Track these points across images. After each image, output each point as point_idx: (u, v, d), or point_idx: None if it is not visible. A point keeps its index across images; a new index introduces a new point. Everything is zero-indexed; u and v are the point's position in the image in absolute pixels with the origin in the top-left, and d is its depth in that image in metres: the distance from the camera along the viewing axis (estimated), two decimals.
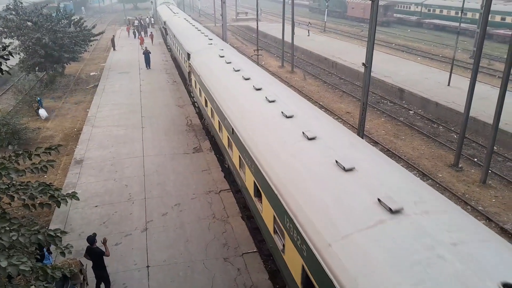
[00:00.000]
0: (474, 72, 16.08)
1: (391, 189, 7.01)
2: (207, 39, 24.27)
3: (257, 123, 10.99)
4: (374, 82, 28.80)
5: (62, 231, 5.55)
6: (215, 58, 18.81)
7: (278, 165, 8.81)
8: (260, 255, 11.04)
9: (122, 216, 12.85)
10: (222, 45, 22.50)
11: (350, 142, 9.21)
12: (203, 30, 28.93)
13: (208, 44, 22.47)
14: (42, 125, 22.22)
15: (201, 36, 25.98)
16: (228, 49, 21.55)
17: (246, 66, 17.46)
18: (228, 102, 13.47)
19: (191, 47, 22.80)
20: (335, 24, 66.61)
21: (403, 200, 6.56)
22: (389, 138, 20.88)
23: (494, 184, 16.42)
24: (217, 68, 17.32)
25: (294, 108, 11.33)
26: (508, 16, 49.19)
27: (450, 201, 7.04)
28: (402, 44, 47.26)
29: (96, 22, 67.85)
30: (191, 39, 25.35)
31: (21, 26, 27.64)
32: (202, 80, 17.57)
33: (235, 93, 13.79)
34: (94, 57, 42.74)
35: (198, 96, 19.71)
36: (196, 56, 20.78)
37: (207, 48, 21.56)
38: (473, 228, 6.22)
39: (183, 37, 27.05)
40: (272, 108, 11.44)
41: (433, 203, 6.72)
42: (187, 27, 32.12)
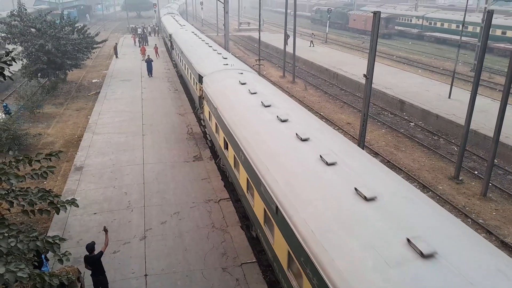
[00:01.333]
0: (475, 85, 16.13)
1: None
2: (221, 58, 21.39)
3: (318, 203, 7.70)
4: (375, 94, 28.89)
5: (60, 238, 5.52)
6: (235, 86, 15.51)
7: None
8: (259, 266, 10.96)
9: (121, 223, 12.79)
10: (239, 66, 19.65)
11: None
12: (214, 47, 25.96)
13: (223, 64, 19.40)
14: (43, 131, 22.24)
15: (213, 54, 22.92)
16: (248, 73, 18.10)
17: (278, 99, 13.78)
18: (261, 156, 9.91)
19: (203, 68, 19.78)
20: (336, 35, 67.05)
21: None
22: (390, 150, 20.87)
23: (495, 197, 16.36)
24: (240, 101, 13.82)
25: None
26: (508, 30, 49.53)
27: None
28: (403, 56, 47.50)
29: (99, 30, 68.29)
30: (203, 58, 22.21)
31: (25, 32, 27.81)
32: (220, 115, 14.03)
33: (271, 143, 10.26)
34: (96, 64, 42.94)
35: (214, 132, 16.17)
36: (210, 80, 17.55)
37: (223, 70, 18.40)
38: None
39: (193, 55, 23.87)
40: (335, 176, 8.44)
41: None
42: (197, 42, 28.84)
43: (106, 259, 10.87)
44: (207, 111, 17.54)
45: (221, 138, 14.49)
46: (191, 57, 23.72)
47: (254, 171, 9.80)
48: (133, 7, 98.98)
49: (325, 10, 69.79)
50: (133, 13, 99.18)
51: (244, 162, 10.92)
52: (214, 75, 17.91)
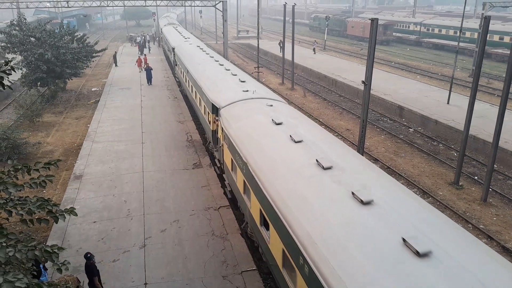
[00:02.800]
0: (473, 90, 16.17)
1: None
2: (238, 82, 17.70)
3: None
4: (374, 100, 28.96)
5: (59, 247, 5.49)
6: (269, 128, 11.37)
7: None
8: (259, 273, 10.90)
9: (121, 232, 12.74)
10: (263, 93, 15.82)
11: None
12: (226, 65, 22.41)
13: (242, 91, 15.67)
14: (43, 140, 22.24)
15: (227, 76, 19.37)
16: (279, 104, 14.07)
17: (335, 149, 10.07)
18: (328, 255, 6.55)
19: (218, 95, 16.09)
20: (335, 42, 67.36)
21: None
22: (389, 156, 20.86)
23: (495, 202, 16.33)
24: (283, 158, 9.68)
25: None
26: (506, 35, 49.78)
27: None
28: (401, 63, 47.69)
29: (98, 39, 68.59)
30: (215, 82, 18.45)
31: (24, 42, 27.95)
32: (255, 177, 9.79)
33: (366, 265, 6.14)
34: (96, 73, 43.08)
35: (241, 193, 11.90)
36: (229, 115, 13.65)
37: (245, 100, 14.57)
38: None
39: (203, 77, 20.11)
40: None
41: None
42: (205, 60, 24.79)
43: (105, 267, 10.85)
44: (227, 157, 13.60)
45: (255, 209, 10.30)
46: (201, 80, 19.87)
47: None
48: (132, 16, 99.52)
49: (323, 18, 70.15)
50: (132, 22, 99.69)
51: (309, 277, 6.84)
52: (234, 107, 14.08)
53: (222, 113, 14.38)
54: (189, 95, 26.05)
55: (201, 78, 20.17)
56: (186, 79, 26.17)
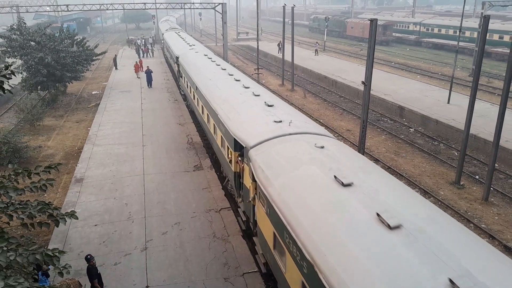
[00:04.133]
0: (474, 89, 16.16)
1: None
2: (265, 107, 13.48)
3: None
4: (374, 100, 28.95)
5: (60, 251, 5.49)
6: (333, 192, 7.78)
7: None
8: (261, 275, 10.89)
9: (122, 235, 12.73)
10: (300, 123, 11.99)
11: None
12: (244, 81, 18.24)
13: (274, 122, 11.83)
14: (43, 144, 22.27)
15: (249, 98, 14.95)
16: (335, 146, 10.19)
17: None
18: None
19: (242, 129, 12.15)
20: (334, 43, 67.39)
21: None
22: (390, 156, 20.84)
23: (497, 201, 16.30)
24: (374, 253, 6.06)
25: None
26: (505, 34, 49.75)
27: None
28: (401, 63, 47.69)
29: (98, 42, 68.73)
30: (236, 107, 14.18)
31: (25, 46, 28.00)
32: (303, 249, 6.91)
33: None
34: (96, 76, 43.14)
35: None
36: (264, 161, 9.84)
37: (282, 137, 10.78)
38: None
39: (219, 100, 15.85)
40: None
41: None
42: (218, 75, 20.18)
43: (107, 270, 10.84)
44: (266, 226, 9.33)
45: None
46: (215, 102, 15.90)
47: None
48: (132, 19, 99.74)
49: (323, 19, 70.20)
50: (132, 25, 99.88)
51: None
52: (269, 148, 10.29)
53: (252, 156, 10.32)
54: (198, 115, 21.76)
55: (215, 99, 16.15)
56: (194, 96, 21.97)
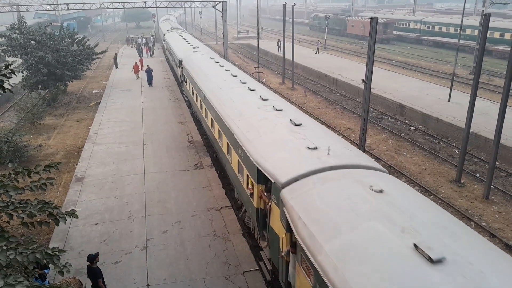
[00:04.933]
0: (474, 87, 16.14)
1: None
2: (292, 127, 11.04)
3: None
4: (375, 99, 28.92)
5: (60, 250, 5.49)
6: (414, 269, 5.37)
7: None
8: (261, 274, 10.90)
9: (122, 233, 12.75)
10: (344, 150, 9.60)
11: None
12: (261, 91, 15.60)
13: (308, 149, 9.45)
14: (44, 143, 22.29)
15: (271, 114, 12.42)
16: (397, 187, 7.80)
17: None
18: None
19: (269, 159, 9.59)
20: (335, 41, 67.31)
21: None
22: (391, 154, 20.83)
23: (497, 199, 16.29)
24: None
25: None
26: (506, 32, 49.68)
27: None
28: (402, 61, 47.63)
29: (99, 41, 68.73)
30: (256, 126, 11.74)
31: (25, 45, 28.00)
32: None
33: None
34: (96, 75, 43.14)
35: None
36: (304, 209, 7.40)
37: (325, 175, 8.28)
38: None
39: (234, 115, 13.40)
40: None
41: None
42: (229, 83, 17.52)
43: (107, 269, 10.85)
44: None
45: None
46: (229, 117, 13.44)
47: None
48: (132, 18, 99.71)
49: (323, 17, 70.08)
50: (132, 23, 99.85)
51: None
52: (309, 187, 7.92)
53: (286, 198, 7.88)
54: (206, 128, 19.09)
55: (229, 113, 13.74)
56: (201, 105, 19.57)
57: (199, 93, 19.64)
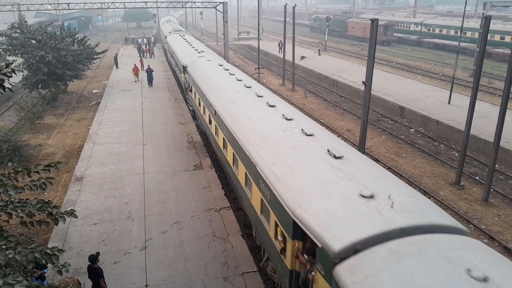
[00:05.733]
0: (474, 90, 16.14)
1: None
2: (331, 159, 8.98)
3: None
4: (375, 100, 28.93)
5: (59, 249, 5.49)
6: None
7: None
8: (260, 275, 10.89)
9: (122, 234, 12.74)
10: (419, 208, 7.08)
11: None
12: (287, 111, 12.95)
13: (361, 197, 7.26)
14: (44, 142, 22.28)
15: (297, 136, 10.62)
16: (495, 267, 5.50)
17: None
18: None
19: (308, 206, 7.41)
20: (335, 43, 67.35)
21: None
22: (390, 156, 20.83)
23: (497, 202, 16.29)
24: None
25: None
26: (507, 35, 49.72)
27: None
28: (402, 63, 47.65)
29: (99, 40, 68.75)
30: (286, 157, 9.52)
31: (25, 44, 28.01)
32: None
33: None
34: (97, 74, 43.14)
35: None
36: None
37: (396, 244, 6.04)
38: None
39: (255, 142, 11.04)
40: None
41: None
42: (243, 96, 15.37)
43: (106, 269, 10.83)
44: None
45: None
46: (250, 144, 11.01)
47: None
48: (133, 18, 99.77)
49: (324, 18, 70.13)
50: (133, 23, 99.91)
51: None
52: (376, 266, 5.74)
53: (344, 279, 5.80)
54: (216, 148, 16.73)
55: (248, 137, 11.50)
56: (209, 120, 17.54)
57: (208, 106, 17.51)
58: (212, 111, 16.33)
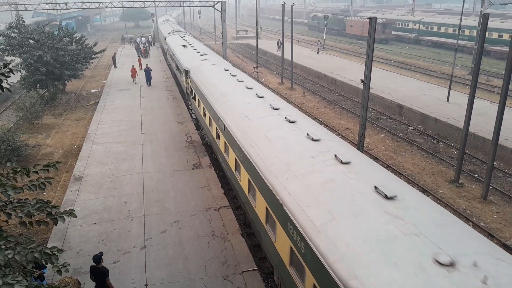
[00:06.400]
0: (473, 88, 16.16)
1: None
2: (379, 199, 7.05)
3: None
4: (373, 99, 28.94)
5: (58, 249, 5.48)
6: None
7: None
8: (260, 273, 10.90)
9: (121, 233, 12.73)
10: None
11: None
12: (310, 128, 11.22)
13: (435, 263, 5.42)
14: (42, 142, 22.24)
15: (329, 162, 8.75)
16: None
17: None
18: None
19: (367, 276, 5.47)
20: (334, 41, 67.33)
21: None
22: (389, 154, 20.85)
23: (495, 200, 16.32)
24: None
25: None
26: (505, 33, 49.77)
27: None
28: (400, 61, 47.67)
29: (97, 40, 68.60)
30: (320, 194, 7.59)
31: (23, 44, 27.94)
32: None
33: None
34: (95, 74, 43.06)
35: None
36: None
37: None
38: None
39: (276, 169, 9.20)
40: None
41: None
42: (257, 107, 13.44)
43: None
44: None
45: None
46: (274, 177, 8.99)
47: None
48: (131, 17, 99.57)
49: (322, 17, 70.18)
50: (131, 23, 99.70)
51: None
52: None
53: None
54: (224, 166, 14.96)
55: (268, 163, 9.58)
56: (217, 135, 15.54)
57: (215, 119, 15.46)
58: (221, 126, 14.42)
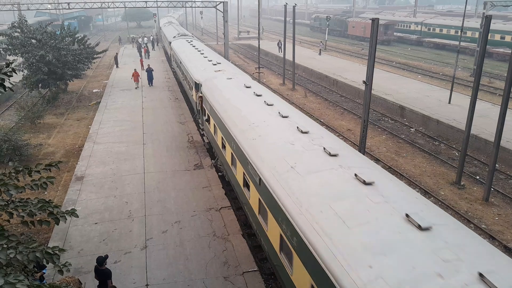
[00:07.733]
0: (475, 90, 16.14)
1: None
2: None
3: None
4: (375, 100, 28.92)
5: (60, 249, 5.48)
6: None
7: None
8: (261, 274, 10.89)
9: (122, 233, 12.74)
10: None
11: None
12: (359, 166, 8.69)
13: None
14: (44, 142, 22.27)
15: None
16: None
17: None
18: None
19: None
20: (335, 42, 67.31)
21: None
22: (391, 156, 20.83)
23: (497, 202, 16.28)
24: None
25: None
26: (507, 34, 49.72)
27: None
28: (402, 63, 47.63)
29: (99, 40, 68.71)
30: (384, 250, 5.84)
31: (26, 44, 28.00)
32: None
33: None
34: (97, 74, 43.12)
35: None
36: None
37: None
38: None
39: (320, 227, 6.81)
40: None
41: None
42: (295, 141, 10.28)
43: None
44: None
45: None
46: (321, 241, 6.58)
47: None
48: (133, 17, 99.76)
49: (324, 18, 70.16)
50: (133, 23, 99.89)
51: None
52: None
53: None
54: (243, 202, 12.37)
55: (310, 219, 7.23)
56: (245, 182, 11.74)
57: (243, 162, 11.53)
58: (253, 175, 10.39)
